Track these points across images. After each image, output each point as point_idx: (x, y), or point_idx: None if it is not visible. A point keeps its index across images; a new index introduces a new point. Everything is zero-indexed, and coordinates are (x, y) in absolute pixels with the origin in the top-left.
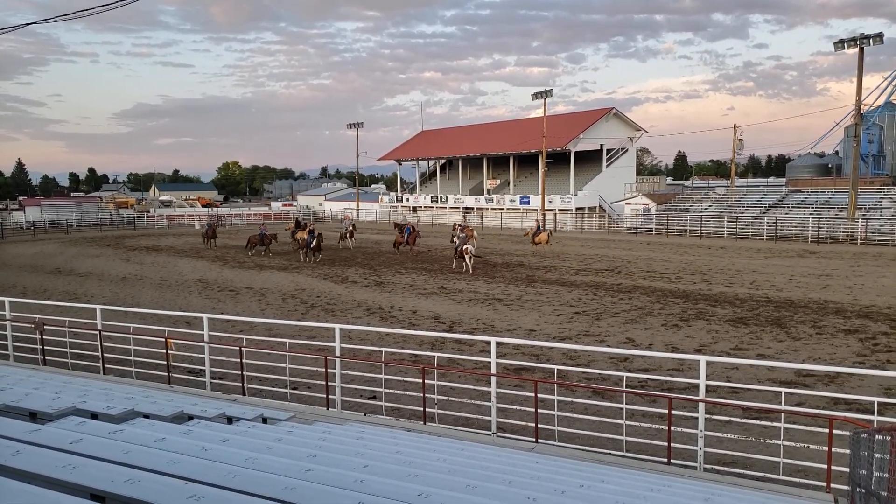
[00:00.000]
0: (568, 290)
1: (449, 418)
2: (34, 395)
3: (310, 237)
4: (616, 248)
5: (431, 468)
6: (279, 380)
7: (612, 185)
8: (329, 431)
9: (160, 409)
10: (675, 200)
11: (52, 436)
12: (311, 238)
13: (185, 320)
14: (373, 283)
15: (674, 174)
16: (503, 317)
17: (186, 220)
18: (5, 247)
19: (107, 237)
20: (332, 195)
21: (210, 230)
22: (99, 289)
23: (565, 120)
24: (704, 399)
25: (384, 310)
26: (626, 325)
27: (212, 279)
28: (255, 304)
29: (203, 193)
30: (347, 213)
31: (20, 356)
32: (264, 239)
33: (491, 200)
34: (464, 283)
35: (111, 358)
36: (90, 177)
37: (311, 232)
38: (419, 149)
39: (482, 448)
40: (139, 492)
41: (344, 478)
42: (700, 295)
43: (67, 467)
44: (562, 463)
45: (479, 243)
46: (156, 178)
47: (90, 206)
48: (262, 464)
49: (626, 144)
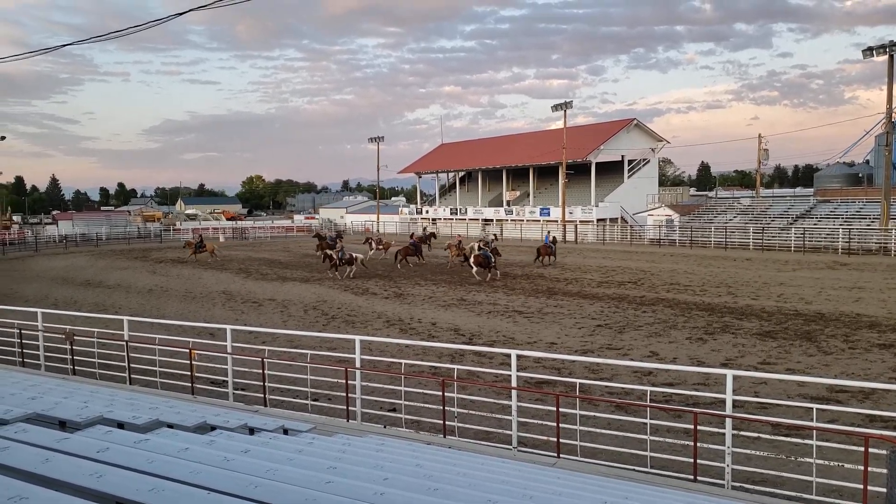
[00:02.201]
0: (590, 302)
1: (469, 432)
2: (63, 403)
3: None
4: (638, 260)
5: (451, 482)
6: (300, 391)
7: (634, 197)
8: (349, 443)
9: (184, 420)
10: (699, 211)
11: (80, 444)
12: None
13: (208, 331)
14: (392, 294)
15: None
16: (523, 329)
17: (211, 234)
18: (39, 260)
19: (134, 250)
20: (353, 208)
21: (199, 243)
22: (126, 300)
23: (586, 131)
24: (731, 414)
25: (404, 321)
26: (650, 339)
27: (235, 291)
28: (278, 316)
29: (228, 207)
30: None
31: (51, 365)
32: (418, 248)
33: (510, 212)
34: (483, 294)
35: (137, 368)
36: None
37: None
38: (439, 162)
39: (503, 462)
40: (163, 501)
41: (364, 490)
42: (725, 308)
43: (94, 476)
44: (584, 479)
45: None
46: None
47: (119, 219)
48: (283, 475)
49: (648, 155)
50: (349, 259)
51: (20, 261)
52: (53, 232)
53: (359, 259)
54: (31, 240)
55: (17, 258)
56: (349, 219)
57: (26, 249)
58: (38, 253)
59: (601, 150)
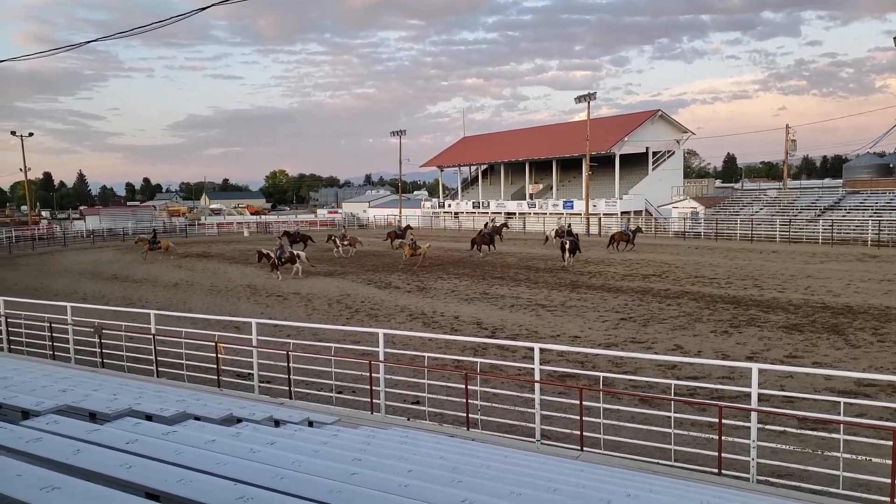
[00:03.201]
0: (613, 295)
1: (492, 424)
2: (93, 396)
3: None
4: (663, 253)
5: (475, 474)
6: (325, 383)
7: (658, 189)
8: (373, 436)
9: (210, 412)
10: (725, 203)
11: (110, 436)
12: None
13: (234, 325)
14: (415, 288)
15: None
16: (547, 323)
17: (235, 228)
18: (67, 254)
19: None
20: (375, 202)
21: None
22: (153, 294)
23: (609, 123)
24: (757, 408)
25: (427, 315)
26: (674, 332)
27: (260, 285)
28: (302, 309)
29: (252, 202)
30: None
31: (80, 358)
32: (491, 237)
33: (533, 205)
34: (506, 288)
35: (164, 361)
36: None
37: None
38: (461, 155)
39: (526, 455)
40: (191, 492)
41: (388, 482)
42: (751, 301)
43: (124, 466)
44: (608, 472)
45: (520, 248)
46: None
47: (145, 214)
48: (308, 467)
49: (673, 147)
50: (290, 258)
51: (49, 255)
52: (81, 227)
53: (302, 257)
54: (60, 235)
55: (47, 253)
56: (372, 213)
57: (55, 244)
58: (67, 248)
59: (625, 142)
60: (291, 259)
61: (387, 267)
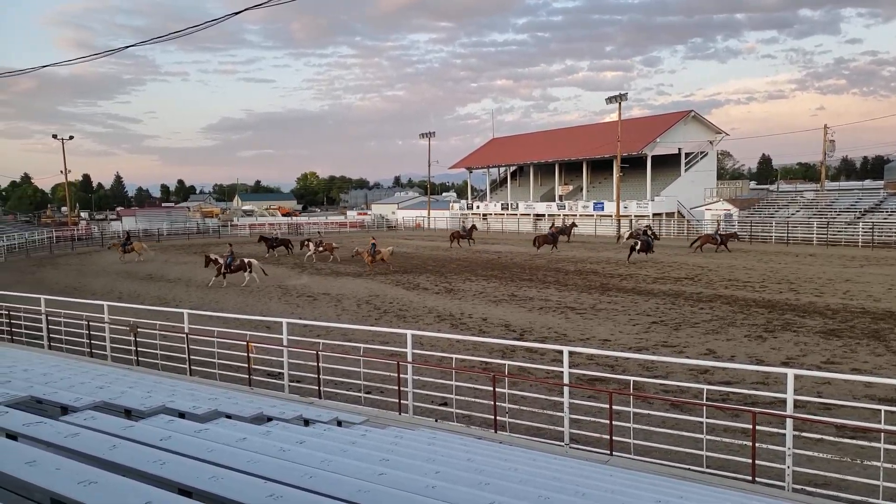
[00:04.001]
0: (644, 298)
1: (520, 427)
2: (128, 393)
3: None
4: (696, 256)
5: (503, 477)
6: (353, 383)
7: (691, 191)
8: (401, 436)
9: (241, 410)
10: (760, 205)
11: (144, 432)
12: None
13: (265, 325)
14: (443, 290)
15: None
16: (576, 326)
17: (267, 229)
18: (105, 254)
19: (194, 245)
20: (404, 203)
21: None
22: (186, 294)
23: (641, 124)
24: (793, 415)
25: (454, 317)
26: (707, 336)
27: (290, 285)
28: (332, 310)
29: (283, 203)
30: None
31: (116, 356)
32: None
33: (563, 206)
34: (535, 290)
35: (197, 360)
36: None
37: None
38: (490, 156)
39: (554, 459)
40: (222, 489)
41: (416, 483)
42: (787, 305)
43: (158, 463)
44: (637, 477)
45: (548, 250)
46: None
47: (179, 215)
48: (336, 466)
49: (706, 148)
50: (240, 265)
51: (87, 255)
52: (118, 227)
53: (254, 264)
54: (98, 235)
55: (85, 253)
56: (401, 214)
57: (93, 244)
58: (104, 248)
59: (657, 143)
60: (242, 266)
61: (416, 268)
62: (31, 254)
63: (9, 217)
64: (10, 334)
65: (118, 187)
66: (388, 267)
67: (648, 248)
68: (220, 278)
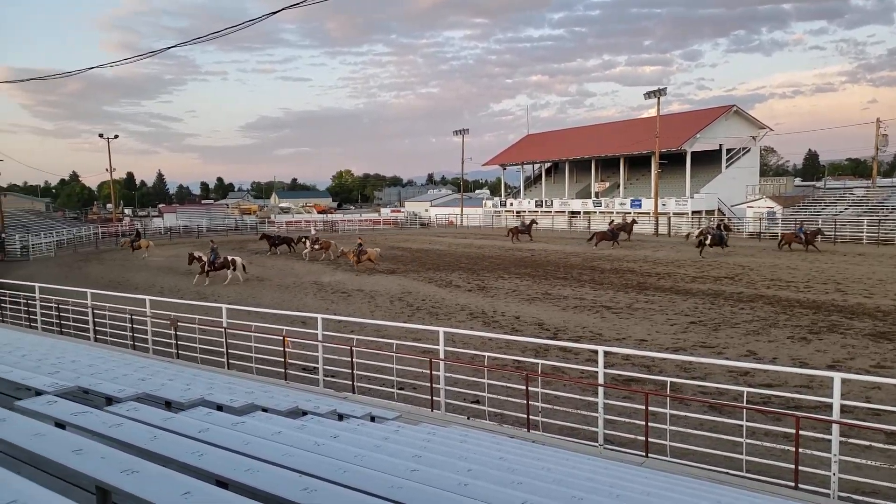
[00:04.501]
0: (683, 298)
1: (553, 427)
2: (169, 385)
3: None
4: (736, 254)
5: (535, 476)
6: (386, 379)
7: (732, 187)
8: (433, 433)
9: (277, 404)
10: (805, 203)
11: (184, 424)
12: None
13: (301, 320)
14: (476, 287)
15: (803, 175)
16: (611, 325)
17: (304, 226)
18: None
19: (232, 241)
20: (437, 201)
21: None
22: (224, 289)
23: (680, 119)
24: (839, 420)
25: (487, 314)
26: (748, 337)
27: (326, 282)
28: (365, 306)
29: (318, 200)
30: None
31: (157, 349)
32: (615, 234)
33: (599, 204)
34: (569, 289)
35: (234, 354)
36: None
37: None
38: (524, 153)
39: (588, 459)
40: (258, 481)
41: (448, 480)
42: (833, 306)
43: (196, 454)
44: (674, 480)
45: (585, 248)
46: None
47: (218, 212)
48: (369, 461)
49: (749, 144)
50: (223, 263)
51: (131, 251)
52: (159, 224)
53: (238, 263)
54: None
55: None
56: (433, 212)
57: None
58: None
59: (697, 139)
60: (225, 264)
61: (448, 265)
62: (78, 249)
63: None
64: (59, 326)
65: (160, 185)
66: (374, 266)
67: (720, 243)
68: (202, 276)
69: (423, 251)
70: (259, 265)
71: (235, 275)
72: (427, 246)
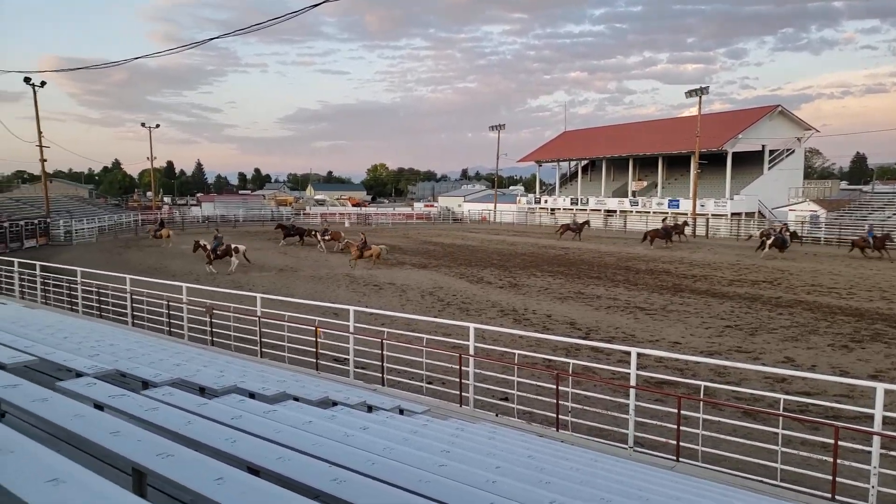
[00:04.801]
0: (719, 301)
1: (582, 427)
2: (203, 372)
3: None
4: (775, 258)
5: (564, 476)
6: (416, 373)
7: (774, 190)
8: (462, 429)
9: (308, 394)
10: (851, 207)
11: (217, 410)
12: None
13: (333, 311)
14: (507, 284)
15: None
16: (645, 326)
17: (338, 218)
18: (184, 237)
19: (267, 232)
20: (470, 197)
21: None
22: (259, 279)
23: (722, 119)
24: (881, 432)
25: (518, 312)
26: (785, 343)
27: (358, 274)
28: (396, 300)
29: (353, 193)
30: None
31: (193, 336)
32: (668, 233)
33: (636, 203)
34: (603, 288)
35: (267, 342)
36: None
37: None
38: (561, 150)
39: (617, 461)
40: (288, 470)
41: (476, 476)
42: (877, 314)
43: (229, 440)
44: (705, 485)
45: (620, 248)
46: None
47: (255, 203)
48: (398, 454)
49: (793, 145)
50: (226, 250)
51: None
52: (197, 213)
53: (241, 251)
54: (179, 219)
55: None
56: (466, 207)
57: (174, 228)
58: (185, 231)
59: (739, 139)
60: (228, 252)
61: (480, 262)
62: (119, 235)
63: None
64: (99, 310)
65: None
66: (373, 263)
67: (783, 245)
68: (210, 266)
69: (455, 246)
70: (293, 256)
71: (233, 261)
72: (459, 241)
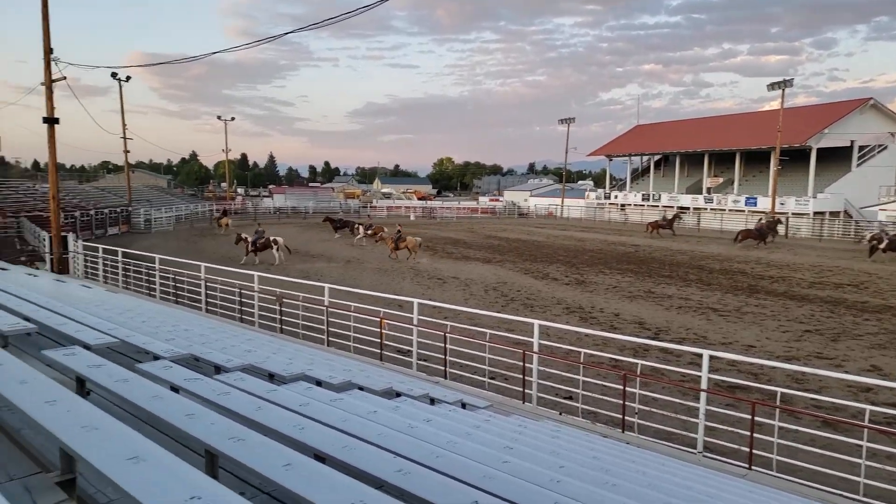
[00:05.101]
0: (798, 304)
1: (649, 430)
2: (272, 359)
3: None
4: (862, 261)
5: (629, 479)
6: (478, 368)
7: (862, 188)
8: (525, 426)
9: (373, 384)
10: None
11: (286, 397)
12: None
13: (397, 303)
14: (574, 281)
15: None
16: (718, 328)
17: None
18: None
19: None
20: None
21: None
22: (328, 269)
23: (806, 113)
24: None
25: (584, 310)
26: (872, 351)
27: (422, 267)
28: (460, 294)
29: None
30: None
31: (263, 323)
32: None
33: (710, 200)
34: (674, 288)
35: (334, 332)
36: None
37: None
38: (632, 144)
39: (685, 466)
40: (354, 459)
41: (540, 475)
42: None
43: (297, 427)
44: (779, 496)
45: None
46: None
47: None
48: (461, 448)
49: (886, 141)
50: (266, 243)
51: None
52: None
53: (280, 243)
54: (251, 210)
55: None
56: (533, 202)
57: (247, 218)
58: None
59: (825, 135)
60: (267, 244)
61: (546, 258)
62: (195, 224)
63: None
64: (175, 296)
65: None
66: (412, 256)
67: (891, 247)
68: (251, 255)
69: (521, 241)
70: (359, 248)
71: (275, 253)
72: (525, 236)
